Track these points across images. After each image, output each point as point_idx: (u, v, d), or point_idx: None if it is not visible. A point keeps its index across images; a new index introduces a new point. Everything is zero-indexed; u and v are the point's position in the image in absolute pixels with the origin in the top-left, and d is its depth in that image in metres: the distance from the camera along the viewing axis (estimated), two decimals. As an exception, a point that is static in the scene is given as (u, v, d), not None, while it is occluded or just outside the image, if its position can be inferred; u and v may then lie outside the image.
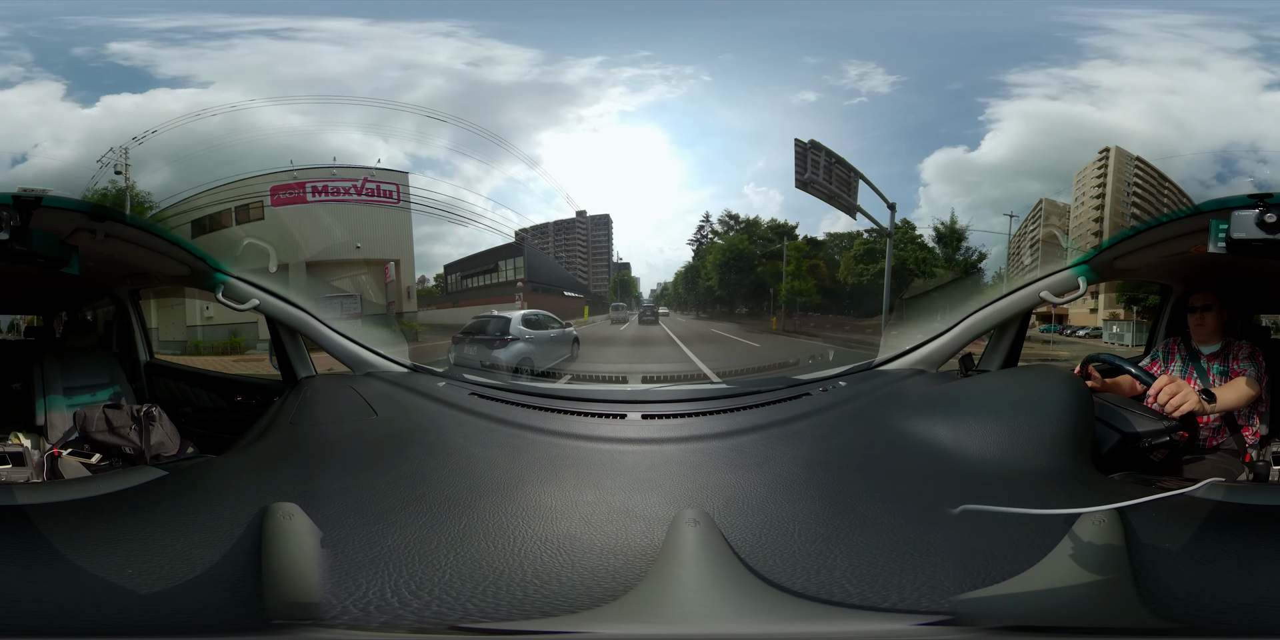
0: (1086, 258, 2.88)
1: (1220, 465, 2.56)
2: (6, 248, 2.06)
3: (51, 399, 3.18)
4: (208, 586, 1.47)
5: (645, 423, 2.74)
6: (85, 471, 2.64)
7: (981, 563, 1.51)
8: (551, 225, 8.46)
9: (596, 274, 8.95)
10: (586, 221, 8.61)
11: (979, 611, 1.41)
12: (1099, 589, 1.44)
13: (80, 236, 2.53)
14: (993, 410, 2.30)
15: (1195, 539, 1.58)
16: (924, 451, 2.22)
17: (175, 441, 2.98)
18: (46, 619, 1.39)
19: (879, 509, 1.86)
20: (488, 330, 6.26)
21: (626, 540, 1.71)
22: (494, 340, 6.08)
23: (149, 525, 1.76)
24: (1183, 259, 2.72)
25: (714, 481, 2.14)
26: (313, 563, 1.53)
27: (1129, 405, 2.37)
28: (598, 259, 8.84)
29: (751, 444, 2.46)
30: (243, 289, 3.06)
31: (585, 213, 8.35)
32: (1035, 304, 2.97)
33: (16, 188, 4.36)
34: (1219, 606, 1.41)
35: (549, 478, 2.18)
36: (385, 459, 2.31)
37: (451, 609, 1.41)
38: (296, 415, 2.74)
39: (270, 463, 2.37)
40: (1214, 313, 2.80)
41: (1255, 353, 2.71)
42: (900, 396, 2.90)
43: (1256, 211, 1.98)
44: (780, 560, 1.58)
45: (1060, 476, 2.00)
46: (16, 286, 3.62)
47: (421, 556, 1.58)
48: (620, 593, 1.47)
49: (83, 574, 1.50)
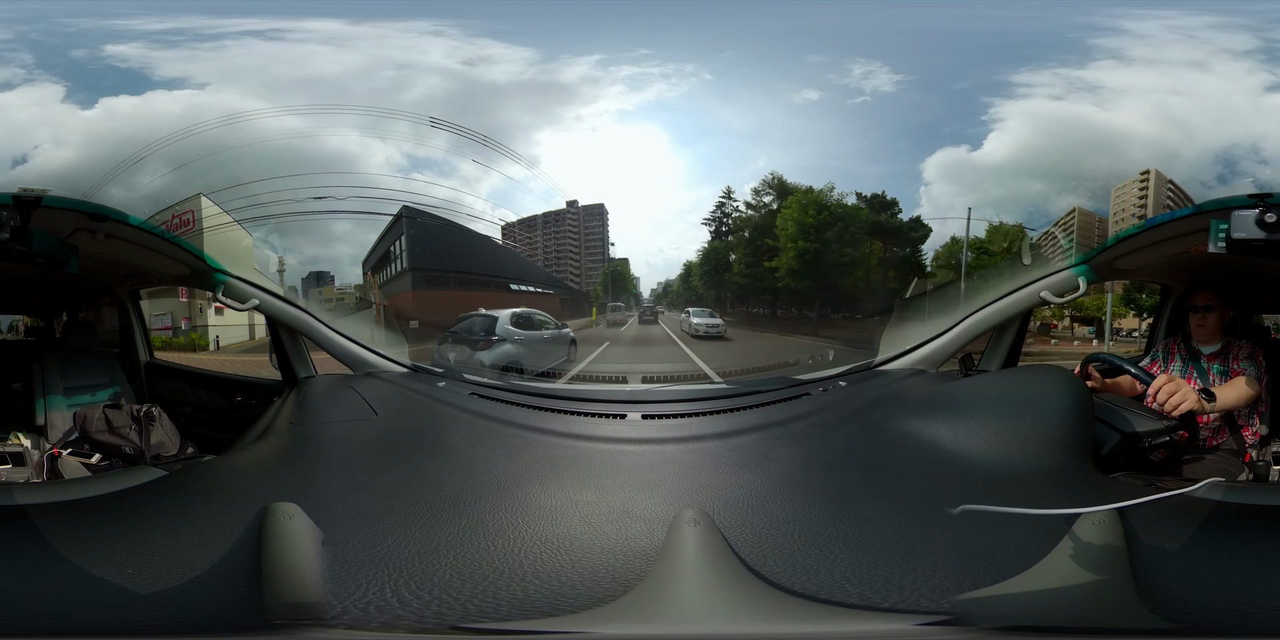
0: (1086, 257, 2.88)
1: (1220, 465, 2.56)
2: (6, 248, 2.06)
3: (51, 399, 3.19)
4: (208, 586, 1.47)
5: (645, 423, 2.74)
6: (85, 471, 2.64)
7: (981, 563, 1.51)
8: (540, 218, 7.66)
9: (591, 269, 8.00)
10: (578, 212, 7.77)
11: (979, 611, 1.41)
12: (1099, 589, 1.44)
13: (80, 236, 2.53)
14: (993, 410, 2.30)
15: (1195, 539, 1.57)
16: (924, 451, 2.21)
17: (175, 441, 2.98)
18: (46, 619, 1.39)
19: (879, 509, 1.86)
20: (474, 330, 5.80)
21: (626, 540, 1.71)
22: (478, 341, 5.66)
23: (149, 525, 1.76)
24: (1183, 259, 2.73)
25: (714, 481, 2.14)
26: (313, 563, 1.53)
27: (1129, 405, 2.36)
28: (591, 252, 7.92)
29: (752, 444, 2.46)
30: (243, 289, 3.06)
31: (576, 202, 7.58)
32: (1035, 304, 2.97)
33: (17, 188, 4.38)
34: (1219, 606, 1.41)
35: (549, 478, 2.18)
36: (385, 459, 2.31)
37: (451, 609, 1.40)
38: (296, 415, 2.73)
39: (270, 463, 2.37)
40: (1214, 313, 2.80)
41: (1255, 352, 2.71)
42: (900, 396, 2.90)
43: (1256, 211, 1.99)
44: (780, 560, 1.57)
45: (1060, 476, 2.00)
46: (16, 286, 3.62)
47: (421, 556, 1.58)
48: (620, 593, 1.47)
49: (83, 574, 1.50)
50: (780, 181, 6.07)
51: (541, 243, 7.61)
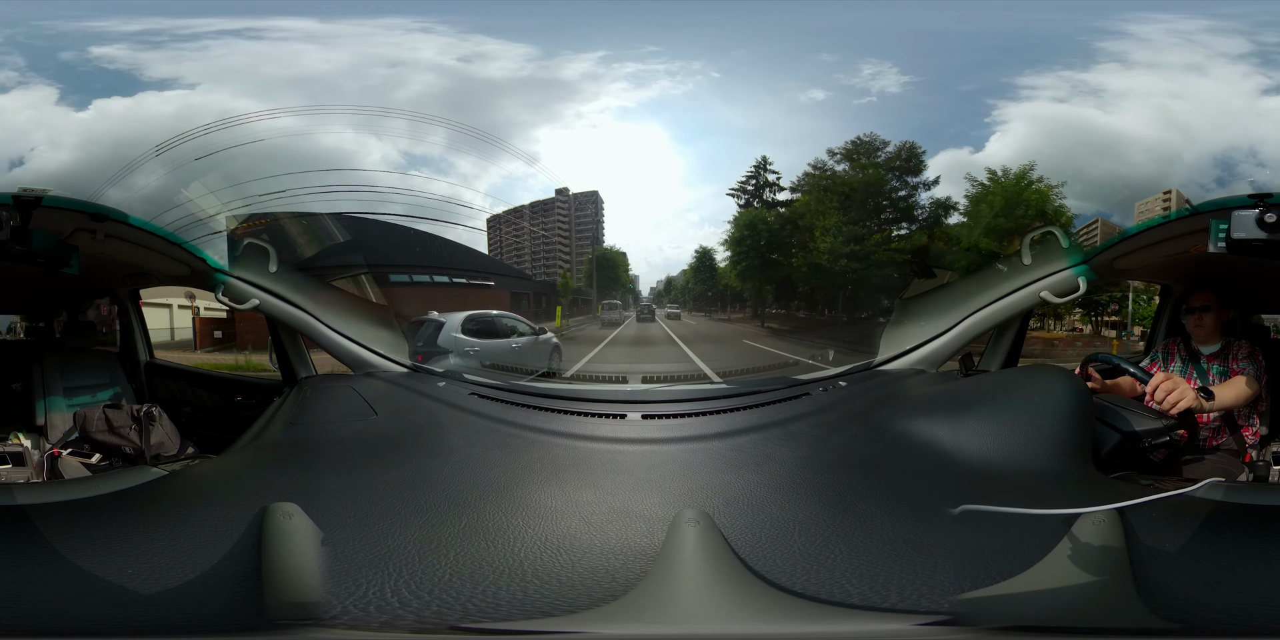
0: (1087, 258, 2.89)
1: (1220, 465, 2.56)
2: (6, 248, 2.06)
3: (51, 399, 3.19)
4: (208, 586, 1.47)
5: (645, 423, 2.74)
6: (85, 471, 2.64)
7: (981, 563, 1.51)
8: (527, 207, 7.07)
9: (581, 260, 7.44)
10: (569, 199, 7.21)
11: (979, 611, 1.41)
12: (1099, 589, 1.44)
13: (80, 236, 2.53)
14: (993, 410, 2.30)
15: (1195, 539, 1.57)
16: (924, 451, 2.22)
17: (175, 441, 2.98)
18: (46, 619, 1.39)
19: (879, 509, 1.86)
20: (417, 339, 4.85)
21: (626, 540, 1.71)
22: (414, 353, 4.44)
23: (149, 525, 1.76)
24: (1182, 259, 2.73)
25: (714, 481, 2.14)
26: (313, 562, 1.53)
27: (1129, 405, 2.36)
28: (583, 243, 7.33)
29: (751, 444, 2.46)
30: (242, 289, 3.06)
31: (567, 190, 7.06)
32: (1035, 304, 2.98)
33: (16, 187, 4.36)
34: (1219, 606, 1.41)
35: (549, 478, 2.18)
36: (385, 459, 2.31)
37: (451, 609, 1.41)
38: (296, 415, 2.74)
39: (270, 463, 2.37)
40: (1213, 313, 2.80)
41: (1254, 352, 2.71)
42: (900, 396, 2.90)
43: (1256, 211, 1.99)
44: (780, 560, 1.57)
45: (1060, 476, 2.00)
46: (16, 286, 3.62)
47: (421, 556, 1.58)
48: (620, 593, 1.47)
49: (83, 574, 1.50)
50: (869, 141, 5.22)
51: (529, 233, 7.15)
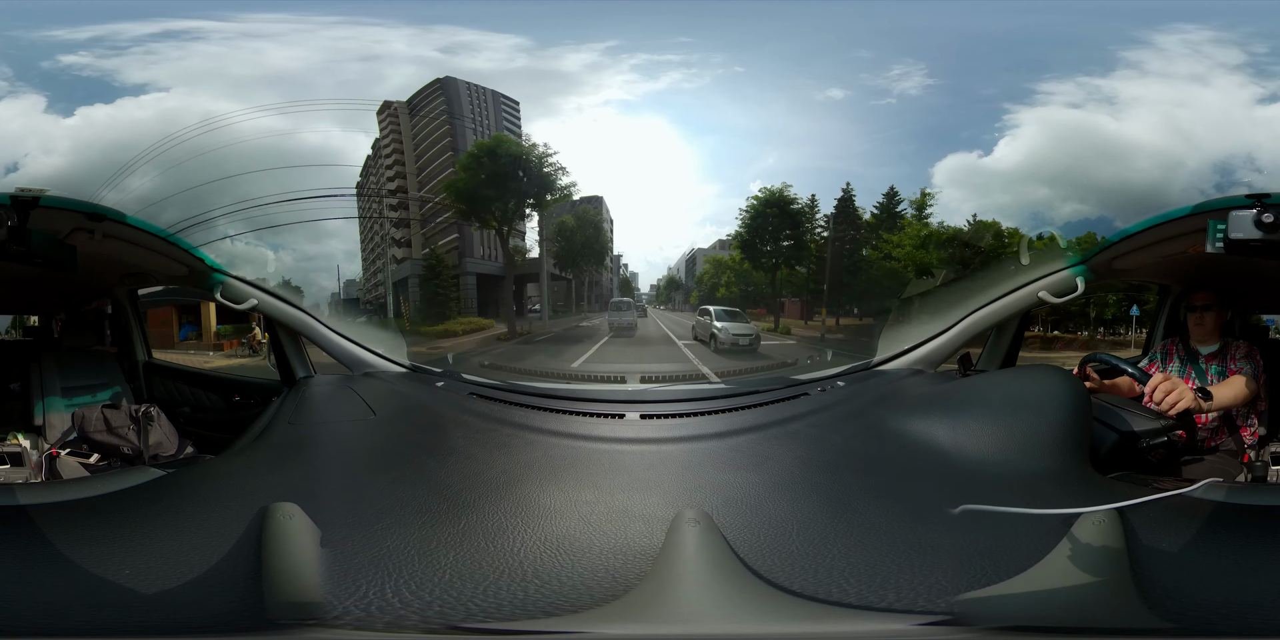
0: (1085, 258, 2.89)
1: (1219, 466, 2.56)
2: (4, 248, 2.06)
3: (50, 399, 3.17)
4: (207, 586, 1.47)
5: (644, 422, 2.74)
6: (84, 472, 2.63)
7: (980, 562, 1.52)
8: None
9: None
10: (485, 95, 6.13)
11: (979, 611, 1.41)
12: (1098, 589, 1.45)
13: (78, 236, 2.53)
14: (991, 410, 2.30)
15: (1194, 539, 1.58)
16: (923, 451, 2.22)
17: (174, 442, 2.97)
18: (46, 619, 1.39)
19: (878, 509, 1.86)
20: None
21: (626, 540, 1.71)
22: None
23: (148, 525, 1.75)
24: (1181, 259, 2.73)
25: (713, 481, 2.15)
26: (313, 563, 1.53)
27: (1127, 405, 2.37)
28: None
29: (750, 444, 2.46)
30: (241, 289, 3.05)
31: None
32: (1034, 304, 2.98)
33: (14, 188, 4.36)
34: (1218, 607, 1.41)
35: (548, 478, 2.18)
36: (384, 459, 2.31)
37: (452, 609, 1.41)
38: (295, 415, 2.73)
39: (269, 463, 2.36)
40: (1212, 313, 2.80)
41: (1252, 352, 2.72)
42: (899, 396, 2.90)
43: (1254, 211, 1.99)
44: (780, 560, 1.58)
45: (1059, 476, 2.00)
46: (14, 287, 3.61)
47: (421, 556, 1.58)
48: (620, 593, 1.47)
49: (82, 574, 1.50)
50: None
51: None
